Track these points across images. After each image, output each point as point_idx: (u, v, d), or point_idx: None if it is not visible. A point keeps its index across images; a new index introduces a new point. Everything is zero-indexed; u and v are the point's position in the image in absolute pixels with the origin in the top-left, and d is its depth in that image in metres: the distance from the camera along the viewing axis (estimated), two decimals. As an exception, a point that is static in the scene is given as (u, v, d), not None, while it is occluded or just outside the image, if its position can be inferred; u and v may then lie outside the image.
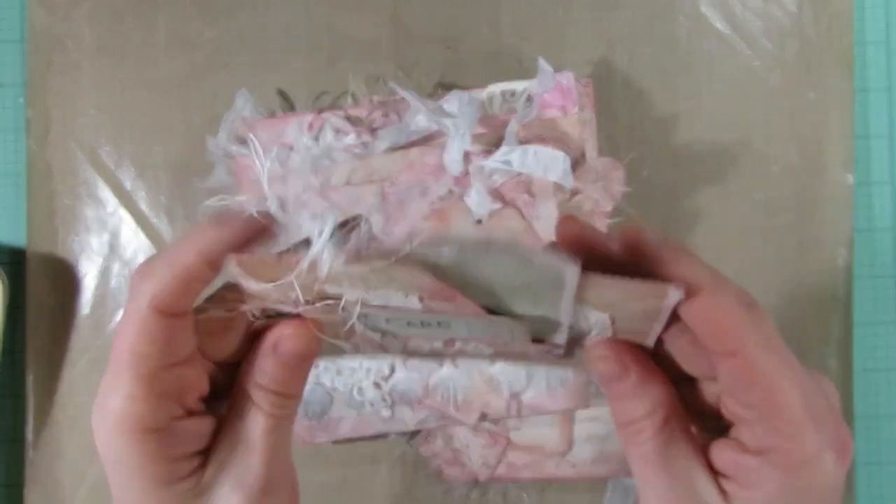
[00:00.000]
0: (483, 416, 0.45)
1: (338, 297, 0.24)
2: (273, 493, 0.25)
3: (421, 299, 0.25)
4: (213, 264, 0.24)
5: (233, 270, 0.24)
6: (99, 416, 0.26)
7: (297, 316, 0.25)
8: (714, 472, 0.24)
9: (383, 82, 0.46)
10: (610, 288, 0.24)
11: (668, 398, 0.25)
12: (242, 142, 0.45)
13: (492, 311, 0.26)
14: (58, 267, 0.47)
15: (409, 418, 0.45)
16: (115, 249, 0.47)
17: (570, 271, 0.24)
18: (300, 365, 0.26)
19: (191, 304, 0.25)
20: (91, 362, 0.47)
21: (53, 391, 0.47)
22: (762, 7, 0.47)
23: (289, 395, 0.26)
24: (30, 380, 0.46)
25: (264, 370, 0.25)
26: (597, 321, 0.25)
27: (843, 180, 0.46)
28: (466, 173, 0.42)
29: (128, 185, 0.47)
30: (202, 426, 0.26)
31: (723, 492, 0.24)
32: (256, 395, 0.26)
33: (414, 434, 0.46)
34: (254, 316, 0.25)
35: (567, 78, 0.43)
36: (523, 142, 0.42)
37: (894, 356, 0.48)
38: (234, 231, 0.25)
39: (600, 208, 0.43)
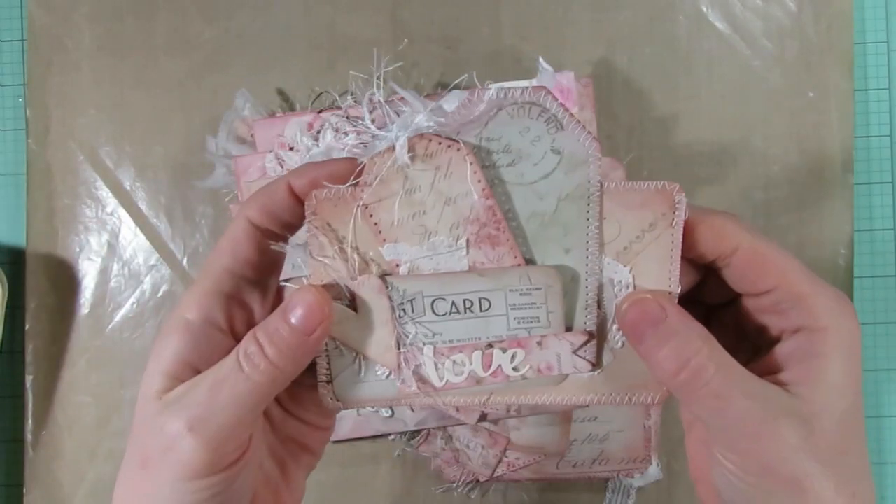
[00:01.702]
0: (483, 416, 0.45)
1: (392, 266, 0.27)
2: (192, 437, 0.25)
3: (468, 244, 0.27)
4: (299, 196, 0.27)
5: (311, 203, 0.26)
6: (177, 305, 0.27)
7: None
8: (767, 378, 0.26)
9: (383, 82, 0.46)
10: (620, 194, 0.27)
11: (707, 331, 0.26)
12: (242, 142, 0.45)
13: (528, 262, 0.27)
14: (57, 267, 0.47)
15: (409, 418, 0.45)
16: (115, 249, 0.47)
17: (594, 159, 0.26)
18: (304, 332, 0.26)
19: (276, 228, 0.27)
20: (90, 362, 0.47)
21: (53, 391, 0.47)
22: (762, 7, 0.47)
23: (268, 357, 0.25)
24: (29, 380, 0.46)
25: (267, 323, 0.26)
26: (620, 277, 0.27)
27: (843, 180, 0.46)
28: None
29: (127, 185, 0.47)
30: (227, 353, 0.27)
31: (785, 386, 0.25)
32: (243, 343, 0.26)
33: (414, 434, 0.46)
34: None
35: (567, 78, 0.43)
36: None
37: (894, 356, 0.48)
38: (319, 169, 0.27)
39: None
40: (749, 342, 0.28)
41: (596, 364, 0.28)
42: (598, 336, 0.28)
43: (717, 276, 0.28)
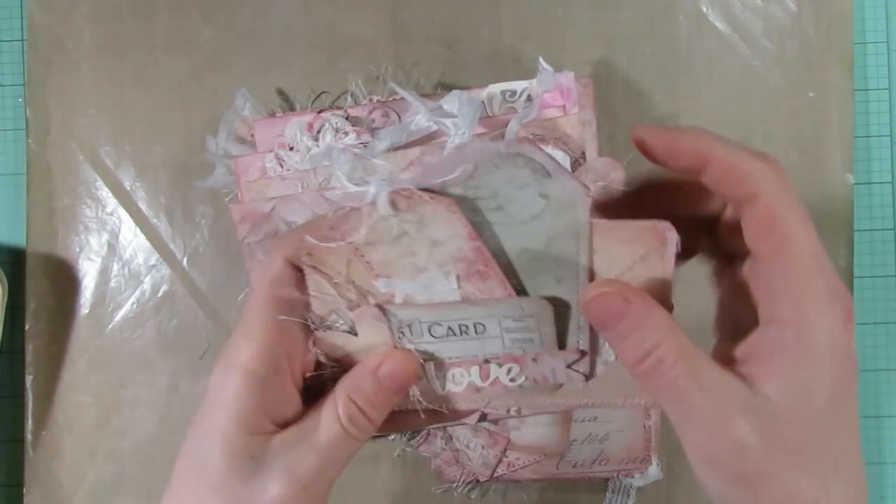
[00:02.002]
0: (483, 416, 0.45)
1: (388, 297, 0.28)
2: (303, 497, 0.27)
3: (458, 279, 0.28)
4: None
5: (305, 250, 0.28)
6: (224, 347, 0.28)
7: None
8: (731, 366, 0.25)
9: (383, 82, 0.46)
10: (610, 230, 0.27)
11: (671, 320, 0.25)
12: (242, 142, 0.45)
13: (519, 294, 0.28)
14: (57, 267, 0.47)
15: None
16: (115, 249, 0.47)
17: (585, 197, 0.26)
18: (395, 390, 0.28)
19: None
20: (90, 362, 0.47)
21: (53, 391, 0.47)
22: (762, 7, 0.47)
23: (369, 416, 0.28)
24: (29, 380, 0.46)
25: (360, 386, 0.28)
26: None
27: (843, 180, 0.46)
28: (466, 173, 0.42)
29: (127, 185, 0.47)
30: (293, 401, 0.28)
31: (747, 379, 0.24)
32: (341, 406, 0.28)
33: (414, 434, 0.46)
34: (313, 324, 0.28)
35: (567, 78, 0.43)
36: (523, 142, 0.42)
37: (894, 356, 0.48)
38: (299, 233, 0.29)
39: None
40: (732, 322, 0.28)
41: (589, 376, 0.29)
42: (591, 351, 0.29)
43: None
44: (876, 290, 0.48)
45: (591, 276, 0.28)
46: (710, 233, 0.29)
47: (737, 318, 0.27)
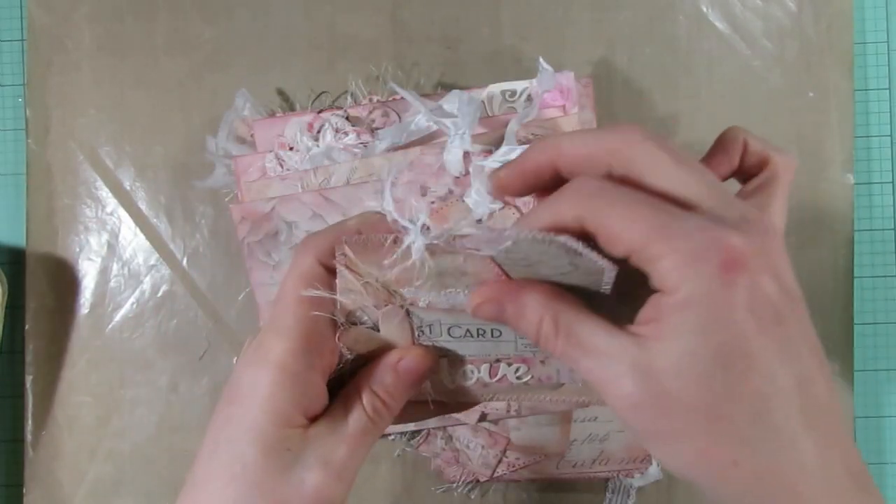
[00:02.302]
0: (483, 416, 0.45)
1: (412, 300, 0.29)
2: (338, 485, 0.28)
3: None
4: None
5: (342, 249, 0.29)
6: (255, 344, 0.29)
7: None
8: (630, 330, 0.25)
9: (383, 82, 0.46)
10: None
11: (547, 295, 0.26)
12: (242, 142, 0.45)
13: None
14: (57, 267, 0.47)
15: (408, 418, 0.45)
16: (115, 249, 0.47)
17: (608, 270, 0.26)
18: (413, 383, 0.30)
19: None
20: (90, 362, 0.47)
21: (53, 391, 0.47)
22: (762, 7, 0.47)
23: (390, 406, 0.29)
24: (29, 380, 0.46)
25: (381, 380, 0.29)
26: None
27: (843, 180, 0.46)
28: (466, 173, 0.42)
29: (127, 185, 0.47)
30: (321, 395, 0.29)
31: (642, 339, 0.24)
32: (366, 398, 0.29)
33: (414, 434, 0.46)
34: (341, 324, 0.29)
35: (567, 78, 0.43)
36: (523, 142, 0.42)
37: (894, 356, 0.48)
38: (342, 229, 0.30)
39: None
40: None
41: None
42: None
43: None
44: (876, 290, 0.48)
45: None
46: None
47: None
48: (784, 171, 0.29)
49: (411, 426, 0.45)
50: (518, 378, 0.30)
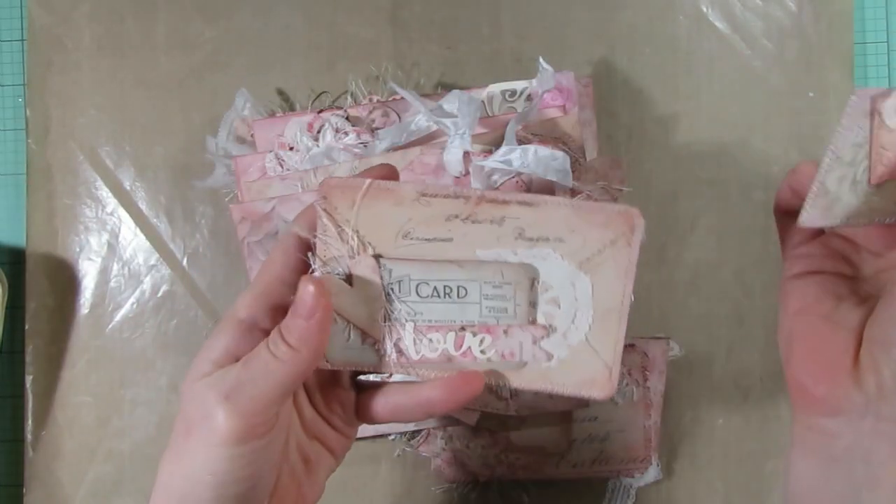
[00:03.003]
0: (483, 416, 0.45)
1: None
2: (225, 405, 0.29)
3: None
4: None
5: (322, 188, 0.31)
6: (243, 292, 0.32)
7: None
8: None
9: (383, 82, 0.46)
10: (575, 209, 0.30)
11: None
12: (242, 142, 0.45)
13: None
14: (57, 267, 0.47)
15: (408, 418, 0.45)
16: (115, 249, 0.47)
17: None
18: (308, 318, 0.29)
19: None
20: (90, 362, 0.47)
21: (53, 391, 0.47)
22: (762, 7, 0.47)
23: (293, 347, 0.29)
24: (29, 380, 0.46)
25: (286, 318, 0.30)
26: (580, 283, 0.31)
27: (843, 180, 0.46)
28: (466, 173, 0.42)
29: (127, 185, 0.47)
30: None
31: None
32: (271, 336, 0.30)
33: (414, 434, 0.46)
34: (313, 269, 0.31)
35: (567, 78, 0.43)
36: (523, 142, 0.42)
37: (894, 356, 0.47)
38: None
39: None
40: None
41: (551, 356, 0.31)
42: (557, 332, 0.31)
43: None
44: (876, 290, 0.47)
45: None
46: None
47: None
48: None
49: (411, 426, 0.45)
50: (482, 352, 0.31)
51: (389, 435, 0.46)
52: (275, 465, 0.31)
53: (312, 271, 0.31)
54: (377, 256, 0.31)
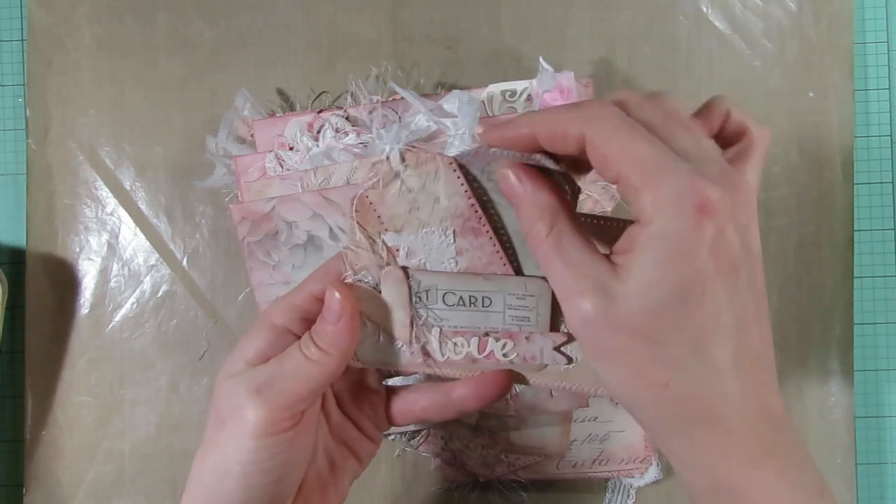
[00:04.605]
0: (483, 416, 0.45)
1: (394, 250, 0.33)
2: (256, 398, 0.30)
3: (454, 234, 0.33)
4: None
5: (355, 204, 0.33)
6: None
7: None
8: (609, 259, 0.28)
9: (383, 82, 0.46)
10: (594, 231, 0.32)
11: (557, 205, 0.29)
12: (242, 142, 0.45)
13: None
14: (57, 267, 0.47)
15: (408, 418, 0.45)
16: (115, 249, 0.47)
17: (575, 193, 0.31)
18: (335, 322, 0.31)
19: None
20: (90, 362, 0.47)
21: (53, 391, 0.47)
22: (762, 7, 0.47)
23: (322, 349, 0.31)
24: (29, 380, 0.46)
25: (316, 330, 0.32)
26: None
27: (844, 180, 0.46)
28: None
29: (127, 185, 0.47)
30: None
31: (614, 266, 0.27)
32: (303, 339, 0.32)
33: (414, 434, 0.46)
34: (345, 278, 0.33)
35: (567, 78, 0.43)
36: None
37: (894, 356, 0.48)
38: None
39: (601, 208, 0.43)
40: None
41: (571, 360, 0.33)
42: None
43: None
44: (876, 290, 0.48)
45: None
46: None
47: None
48: (760, 142, 0.30)
49: (411, 426, 0.45)
50: (504, 356, 0.32)
51: (389, 435, 0.46)
52: (300, 462, 0.32)
53: (345, 279, 0.33)
54: (405, 268, 0.33)
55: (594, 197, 0.43)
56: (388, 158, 0.33)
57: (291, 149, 0.44)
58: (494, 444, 0.45)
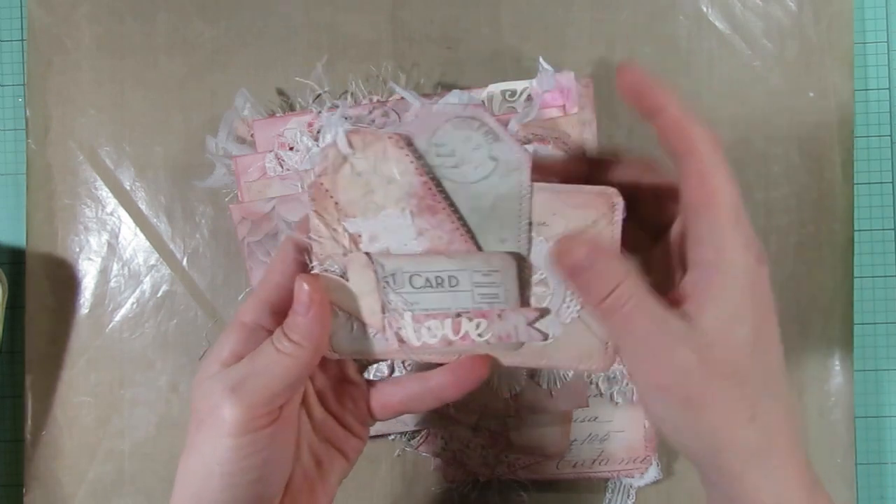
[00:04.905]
0: (483, 416, 0.45)
1: (355, 237, 0.32)
2: (232, 397, 0.30)
3: (412, 214, 0.32)
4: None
5: (311, 192, 0.32)
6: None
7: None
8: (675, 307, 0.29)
9: (383, 82, 0.46)
10: (555, 193, 0.31)
11: (626, 266, 0.29)
12: (242, 142, 0.45)
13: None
14: (57, 267, 0.47)
15: (408, 418, 0.45)
16: (115, 249, 0.47)
17: (527, 162, 0.31)
18: (305, 314, 0.31)
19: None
20: (90, 362, 0.47)
21: (53, 391, 0.47)
22: (762, 7, 0.47)
23: (294, 341, 0.31)
24: (29, 380, 0.46)
25: (288, 323, 0.31)
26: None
27: (843, 179, 0.46)
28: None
29: (127, 185, 0.47)
30: None
31: (685, 315, 0.28)
32: (275, 333, 0.32)
33: (414, 434, 0.46)
34: (311, 268, 0.32)
35: (567, 78, 0.43)
36: (523, 142, 0.42)
37: (894, 356, 0.48)
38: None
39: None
40: (661, 278, 0.32)
41: (546, 336, 0.32)
42: (550, 312, 0.32)
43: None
44: (876, 290, 0.48)
45: (529, 241, 0.32)
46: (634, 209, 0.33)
47: (665, 274, 0.32)
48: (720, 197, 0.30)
49: (411, 426, 0.45)
50: (480, 335, 0.32)
51: (389, 435, 0.46)
52: (282, 460, 0.32)
53: (311, 270, 0.32)
54: (368, 253, 0.32)
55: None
56: (335, 143, 0.32)
57: (291, 149, 0.44)
58: (494, 444, 0.45)
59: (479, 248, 0.32)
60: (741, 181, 0.46)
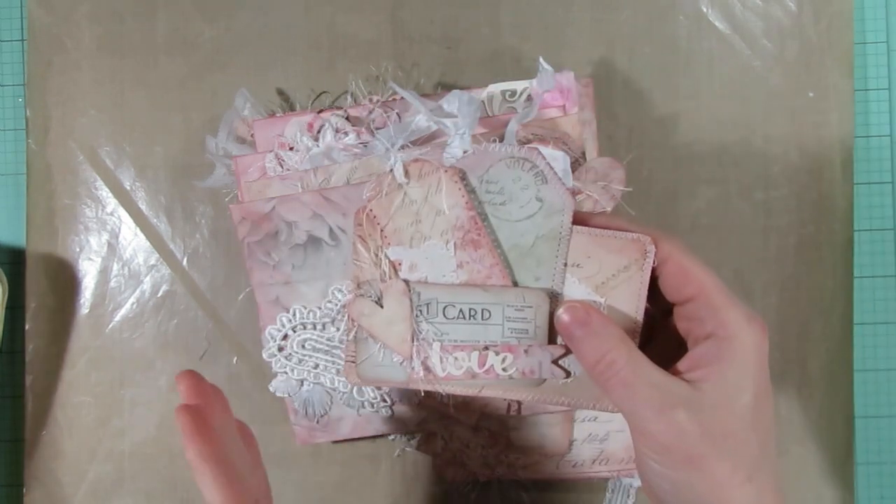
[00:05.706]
0: (483, 416, 0.45)
1: (395, 263, 0.33)
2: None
3: (455, 246, 0.33)
4: None
5: (357, 217, 0.33)
6: None
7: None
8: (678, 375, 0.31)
9: (383, 82, 0.46)
10: (592, 236, 0.33)
11: (623, 332, 0.31)
12: (242, 142, 0.45)
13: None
14: (57, 267, 0.47)
15: (409, 418, 0.45)
16: (115, 249, 0.47)
17: (569, 209, 0.32)
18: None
19: None
20: (90, 362, 0.47)
21: (53, 391, 0.47)
22: (762, 7, 0.47)
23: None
24: (29, 380, 0.46)
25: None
26: (597, 305, 0.33)
27: (844, 180, 0.46)
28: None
29: (127, 184, 0.47)
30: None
31: (691, 382, 0.30)
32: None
33: (414, 434, 0.46)
34: (350, 292, 0.34)
35: (567, 78, 0.43)
36: (523, 142, 0.42)
37: (894, 356, 0.48)
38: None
39: (600, 208, 0.43)
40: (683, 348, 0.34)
41: (569, 374, 0.33)
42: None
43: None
44: (876, 290, 0.48)
45: (563, 281, 0.33)
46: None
47: (667, 351, 0.33)
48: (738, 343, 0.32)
49: (412, 426, 0.45)
50: (504, 370, 0.33)
51: (389, 435, 0.46)
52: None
53: (352, 293, 0.34)
54: (406, 281, 0.33)
55: (594, 197, 0.43)
56: (391, 171, 0.33)
57: (291, 149, 0.44)
58: (494, 444, 0.45)
59: (515, 284, 0.33)
60: (741, 181, 0.47)
